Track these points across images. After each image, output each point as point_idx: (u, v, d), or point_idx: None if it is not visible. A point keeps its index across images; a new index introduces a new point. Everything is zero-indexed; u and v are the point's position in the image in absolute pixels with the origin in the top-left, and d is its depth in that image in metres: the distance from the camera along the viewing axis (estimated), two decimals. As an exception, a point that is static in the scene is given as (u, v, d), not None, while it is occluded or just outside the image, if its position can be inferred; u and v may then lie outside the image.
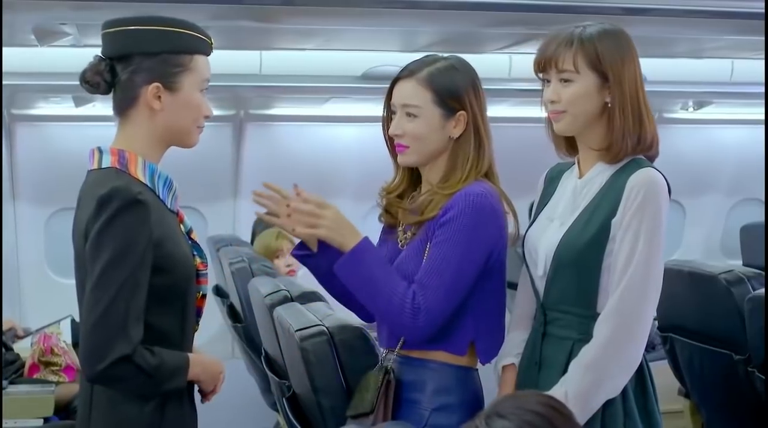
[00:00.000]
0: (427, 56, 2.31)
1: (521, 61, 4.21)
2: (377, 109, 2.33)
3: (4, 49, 3.55)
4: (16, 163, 4.81)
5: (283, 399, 2.73)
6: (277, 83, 4.49)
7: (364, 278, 2.18)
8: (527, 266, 2.27)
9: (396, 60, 4.41)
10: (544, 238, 2.21)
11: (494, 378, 2.31)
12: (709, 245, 6.00)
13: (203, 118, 2.13)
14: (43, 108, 4.64)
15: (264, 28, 3.80)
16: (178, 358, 2.03)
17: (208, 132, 5.17)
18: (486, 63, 4.49)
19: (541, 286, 2.22)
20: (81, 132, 4.50)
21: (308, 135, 5.28)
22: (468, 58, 4.52)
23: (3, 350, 3.99)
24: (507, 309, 2.32)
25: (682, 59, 4.58)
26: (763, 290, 3.04)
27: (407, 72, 2.27)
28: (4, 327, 4.14)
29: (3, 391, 3.62)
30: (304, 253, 2.30)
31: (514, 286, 2.41)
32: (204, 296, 2.15)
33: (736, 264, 5.65)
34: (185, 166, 4.89)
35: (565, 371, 2.13)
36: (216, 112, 4.97)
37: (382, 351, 2.33)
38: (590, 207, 2.16)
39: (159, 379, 1.97)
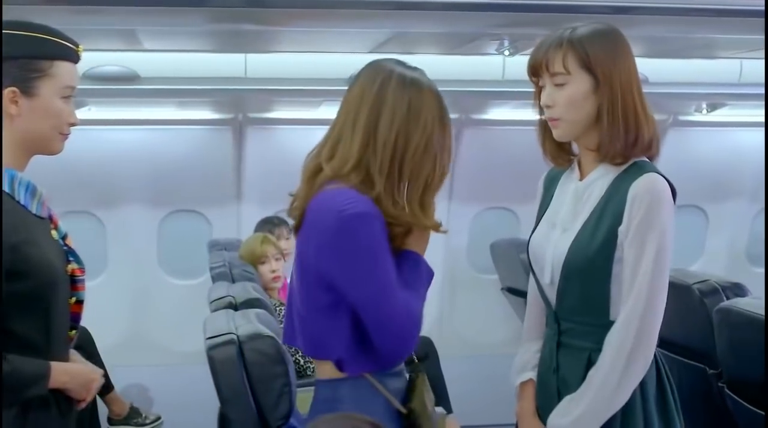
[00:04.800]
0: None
1: (515, 62, 4.11)
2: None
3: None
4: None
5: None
6: (267, 86, 4.44)
7: None
8: (534, 274, 2.23)
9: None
10: (549, 246, 2.16)
11: (515, 393, 2.28)
12: (733, 252, 5.79)
13: (67, 125, 2.09)
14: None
15: (256, 31, 3.75)
16: (37, 366, 2.00)
17: (209, 135, 5.17)
18: (480, 65, 4.42)
19: (551, 295, 2.18)
20: (75, 135, 4.50)
21: (307, 138, 5.19)
22: (461, 59, 4.41)
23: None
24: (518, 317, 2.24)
25: (689, 60, 4.43)
26: (735, 300, 2.91)
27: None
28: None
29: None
30: None
31: (518, 293, 2.33)
32: (80, 302, 2.11)
33: (761, 271, 5.47)
34: (188, 170, 4.89)
35: (582, 381, 2.09)
36: (215, 116, 5.00)
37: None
38: (594, 214, 2.10)
39: (12, 386, 1.94)
